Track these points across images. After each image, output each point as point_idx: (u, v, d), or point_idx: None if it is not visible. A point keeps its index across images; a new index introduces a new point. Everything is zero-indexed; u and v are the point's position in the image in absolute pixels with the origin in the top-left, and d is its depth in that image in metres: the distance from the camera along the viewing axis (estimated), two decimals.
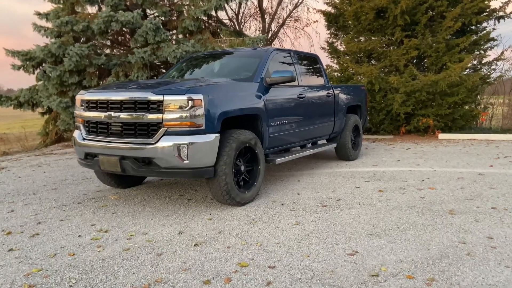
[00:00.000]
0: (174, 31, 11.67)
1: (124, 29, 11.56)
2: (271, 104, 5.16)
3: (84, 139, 4.63)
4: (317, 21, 20.91)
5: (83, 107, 4.67)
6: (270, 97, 5.16)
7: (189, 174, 4.19)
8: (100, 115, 4.41)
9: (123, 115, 4.23)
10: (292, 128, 5.64)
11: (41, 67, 10.85)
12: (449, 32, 10.20)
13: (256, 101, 4.92)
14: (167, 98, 4.06)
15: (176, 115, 4.04)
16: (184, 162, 4.07)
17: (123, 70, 10.31)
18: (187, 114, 4.04)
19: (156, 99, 4.09)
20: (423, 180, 5.85)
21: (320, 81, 6.77)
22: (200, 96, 4.10)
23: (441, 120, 10.78)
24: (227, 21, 17.30)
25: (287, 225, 3.94)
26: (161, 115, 4.06)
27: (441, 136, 10.64)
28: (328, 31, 12.66)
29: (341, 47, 12.31)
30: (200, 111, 4.09)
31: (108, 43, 12.03)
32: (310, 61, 6.71)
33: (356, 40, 11.57)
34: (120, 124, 4.30)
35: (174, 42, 10.97)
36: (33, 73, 10.93)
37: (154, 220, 4.15)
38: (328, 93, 6.69)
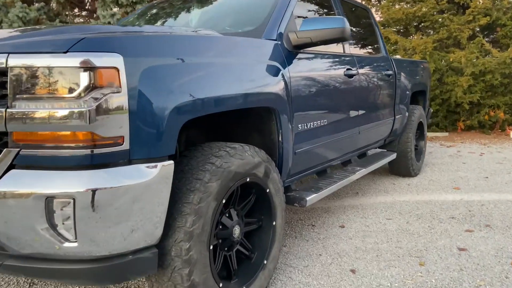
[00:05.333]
0: None
1: None
2: (300, 86, 2.49)
3: None
4: None
5: None
6: (298, 72, 2.50)
7: (83, 274, 1.54)
8: None
9: None
10: (334, 133, 2.97)
11: None
12: None
13: (269, 79, 2.25)
14: (16, 61, 1.43)
15: (47, 112, 1.42)
16: (67, 244, 1.45)
17: None
18: (80, 110, 1.41)
19: None
20: None
21: (375, 50, 4.06)
22: (117, 60, 1.47)
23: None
24: None
25: None
26: (3, 110, 1.44)
27: None
28: None
29: (376, 15, 9.49)
30: (118, 100, 1.47)
31: (80, 12, 9.39)
32: (360, 15, 4.00)
33: (399, 5, 8.74)
34: None
35: None
36: None
37: None
38: (387, 70, 3.98)
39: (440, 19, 8.07)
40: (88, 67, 1.42)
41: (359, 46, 3.78)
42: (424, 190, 4.32)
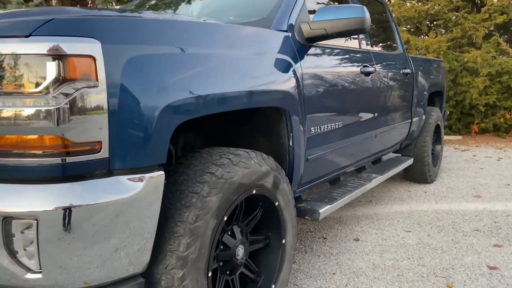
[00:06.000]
0: None
1: None
2: (313, 84, 2.20)
3: None
4: None
5: None
6: (311, 67, 2.20)
7: None
8: None
9: None
10: (350, 136, 2.67)
11: None
12: None
13: (279, 75, 1.96)
14: None
15: (6, 110, 1.15)
16: (29, 276, 1.17)
17: None
18: (47, 109, 1.13)
19: None
20: None
21: (392, 47, 3.77)
22: (93, 46, 1.18)
23: None
24: None
25: None
26: None
27: None
28: None
29: None
30: (95, 96, 1.18)
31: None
32: (375, 9, 3.70)
33: (410, 3, 8.43)
34: None
35: None
36: None
37: None
38: (405, 68, 3.68)
39: (453, 17, 7.75)
40: (56, 55, 1.14)
41: (375, 41, 3.48)
42: (443, 199, 4.01)
